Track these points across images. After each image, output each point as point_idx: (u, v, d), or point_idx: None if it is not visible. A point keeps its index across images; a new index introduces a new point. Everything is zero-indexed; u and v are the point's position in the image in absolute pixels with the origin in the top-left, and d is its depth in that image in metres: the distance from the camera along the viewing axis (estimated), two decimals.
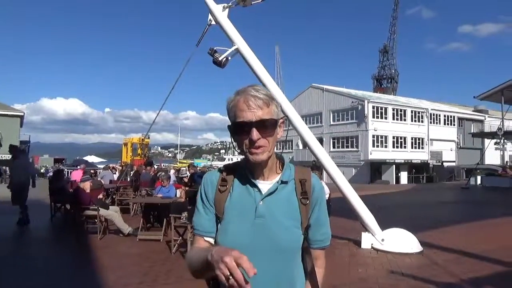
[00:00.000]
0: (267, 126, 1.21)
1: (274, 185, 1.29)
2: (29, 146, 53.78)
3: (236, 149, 1.28)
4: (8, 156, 42.28)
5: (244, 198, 1.29)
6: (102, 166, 25.51)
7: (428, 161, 40.06)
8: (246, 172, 1.30)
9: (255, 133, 1.18)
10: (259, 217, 1.25)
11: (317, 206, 1.33)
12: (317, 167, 7.75)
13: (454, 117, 44.56)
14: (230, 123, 1.27)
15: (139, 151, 31.19)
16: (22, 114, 47.70)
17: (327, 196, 7.63)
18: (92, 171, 13.93)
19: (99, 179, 11.88)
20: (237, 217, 1.27)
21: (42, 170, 38.49)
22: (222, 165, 1.42)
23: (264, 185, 1.29)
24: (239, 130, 1.22)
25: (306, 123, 7.27)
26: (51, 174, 18.13)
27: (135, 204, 10.49)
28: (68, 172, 22.44)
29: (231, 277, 0.90)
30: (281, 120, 1.28)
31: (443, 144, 42.65)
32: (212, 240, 1.30)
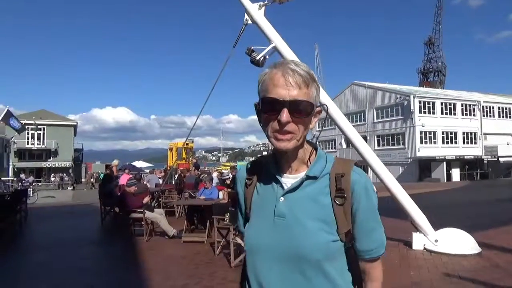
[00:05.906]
0: (301, 110, 1.03)
1: (299, 180, 1.11)
2: (83, 153, 57.23)
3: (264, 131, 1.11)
4: (64, 164, 45.14)
5: (267, 193, 1.16)
6: (147, 171, 26.44)
7: (482, 157, 37.78)
8: (272, 164, 1.16)
9: (285, 115, 1.00)
10: (278, 217, 1.10)
11: (361, 207, 1.08)
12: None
13: (509, 109, 41.50)
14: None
15: (183, 155, 31.84)
16: (76, 123, 50.81)
17: None
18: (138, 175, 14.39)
19: (145, 182, 12.21)
20: (258, 215, 1.15)
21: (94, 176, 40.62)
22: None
23: (289, 180, 1.13)
24: (268, 107, 1.04)
25: (349, 122, 7.02)
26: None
27: (179, 207, 10.68)
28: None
29: None
30: (318, 109, 1.09)
31: (498, 138, 39.82)
32: None
